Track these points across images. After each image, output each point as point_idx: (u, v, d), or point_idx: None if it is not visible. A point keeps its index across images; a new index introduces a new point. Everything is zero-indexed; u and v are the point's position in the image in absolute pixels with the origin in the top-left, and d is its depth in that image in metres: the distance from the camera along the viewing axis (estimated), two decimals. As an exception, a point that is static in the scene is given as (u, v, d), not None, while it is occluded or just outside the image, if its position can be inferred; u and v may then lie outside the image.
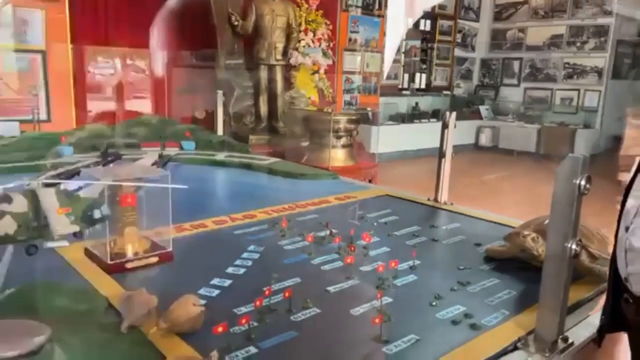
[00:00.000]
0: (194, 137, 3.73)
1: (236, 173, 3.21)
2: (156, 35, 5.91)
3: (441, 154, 2.45)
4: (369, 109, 8.25)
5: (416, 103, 10.29)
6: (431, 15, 10.37)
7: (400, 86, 10.09)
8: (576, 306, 1.44)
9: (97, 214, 1.17)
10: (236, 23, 6.06)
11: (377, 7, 8.24)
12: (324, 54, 7.02)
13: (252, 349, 1.16)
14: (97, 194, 1.36)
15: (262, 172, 3.19)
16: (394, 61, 9.33)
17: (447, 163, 2.45)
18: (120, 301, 1.27)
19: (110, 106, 6.35)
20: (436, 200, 2.50)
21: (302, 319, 1.30)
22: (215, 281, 1.49)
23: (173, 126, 4.07)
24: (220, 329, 1.14)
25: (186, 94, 6.60)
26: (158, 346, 1.14)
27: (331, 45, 7.18)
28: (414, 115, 10.03)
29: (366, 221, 2.16)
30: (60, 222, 1.09)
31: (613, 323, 1.30)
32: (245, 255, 1.72)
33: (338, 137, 5.59)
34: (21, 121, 4.92)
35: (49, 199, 1.09)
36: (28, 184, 1.11)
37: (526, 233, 1.60)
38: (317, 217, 2.19)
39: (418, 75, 10.48)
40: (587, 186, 1.14)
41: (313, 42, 6.86)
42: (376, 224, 2.12)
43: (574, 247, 1.15)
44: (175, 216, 1.63)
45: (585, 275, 1.55)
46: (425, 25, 10.32)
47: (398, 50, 9.37)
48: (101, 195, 1.40)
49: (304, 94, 6.81)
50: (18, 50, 5.10)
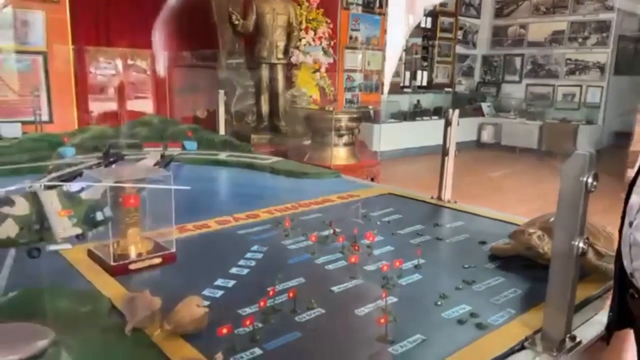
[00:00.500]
0: (196, 137, 3.73)
1: (238, 173, 3.20)
2: (157, 35, 5.90)
3: (444, 152, 2.44)
4: (371, 107, 8.25)
5: (418, 101, 10.28)
6: (432, 12, 10.34)
7: (401, 84, 10.07)
8: (583, 304, 1.43)
9: (100, 216, 1.17)
10: (237, 22, 6.05)
11: (378, 5, 8.23)
12: (325, 53, 7.02)
13: (257, 350, 1.15)
14: (100, 196, 1.36)
15: (265, 172, 3.17)
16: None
17: (450, 161, 2.44)
18: (123, 303, 1.27)
19: (111, 107, 6.36)
20: (439, 198, 2.49)
21: (307, 320, 1.30)
22: (219, 282, 1.49)
23: (175, 126, 4.06)
24: (224, 331, 1.13)
25: (187, 94, 6.60)
26: (162, 348, 1.14)
27: (332, 43, 7.17)
28: (416, 112, 10.02)
29: (369, 220, 2.15)
30: (62, 225, 1.08)
31: (620, 320, 1.29)
32: (248, 255, 1.71)
33: (340, 136, 5.57)
34: (23, 122, 4.93)
35: (51, 202, 1.08)
36: (30, 187, 1.10)
37: (532, 231, 1.59)
38: (321, 216, 2.18)
39: (419, 72, 10.46)
40: (594, 184, 1.13)
41: (314, 41, 6.85)
42: (379, 223, 2.11)
43: (581, 245, 1.14)
44: (178, 216, 1.62)
45: (591, 273, 1.54)
46: (426, 22, 10.30)
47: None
48: (103, 196, 1.39)
49: (306, 93, 6.80)
50: (19, 51, 5.10)
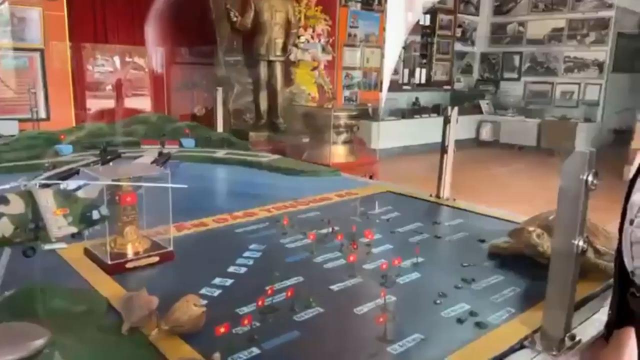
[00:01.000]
0: (194, 135, 3.71)
1: (236, 170, 3.19)
2: (155, 32, 5.89)
3: (443, 150, 2.43)
4: (369, 105, 8.23)
5: (416, 98, 10.27)
6: (431, 9, 10.32)
7: (400, 81, 10.06)
8: (582, 303, 1.42)
9: (96, 215, 1.15)
10: (235, 19, 6.03)
11: (377, 2, 8.22)
12: (324, 50, 7.00)
13: (255, 350, 1.14)
14: (96, 194, 1.35)
15: (263, 169, 3.16)
16: (394, 56, 9.30)
17: (450, 159, 2.43)
18: (120, 302, 1.26)
19: (109, 104, 6.34)
20: (438, 196, 2.48)
21: (305, 319, 1.29)
22: (216, 281, 1.48)
23: (172, 123, 4.05)
24: (222, 330, 1.12)
25: (185, 91, 6.58)
26: (159, 348, 1.13)
27: (330, 41, 7.15)
28: (415, 110, 10.00)
29: (368, 218, 2.15)
30: (57, 224, 1.07)
31: (620, 318, 1.29)
32: (246, 254, 1.70)
33: (338, 133, 5.56)
34: (20, 120, 4.90)
35: (47, 200, 1.07)
36: (25, 185, 1.09)
37: (531, 229, 1.58)
38: (319, 215, 2.17)
39: (418, 70, 10.45)
40: (595, 182, 1.12)
41: (312, 38, 6.83)
42: (378, 221, 2.10)
43: (581, 244, 1.14)
44: (175, 215, 1.61)
45: (590, 271, 1.53)
46: (424, 19, 10.28)
47: (398, 45, 9.33)
48: (100, 195, 1.38)
49: (304, 90, 6.78)
50: (16, 48, 5.07)
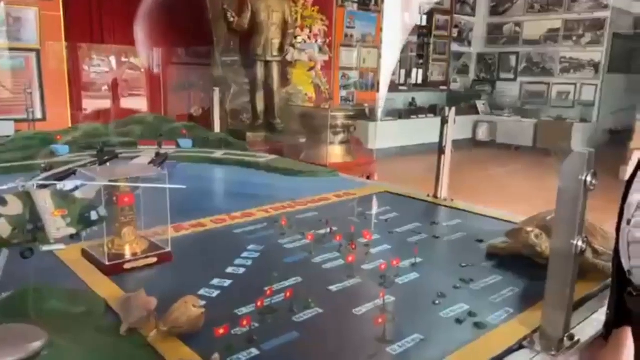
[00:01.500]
0: (191, 135, 3.70)
1: (234, 171, 3.18)
2: (152, 32, 5.87)
3: (441, 150, 2.43)
4: (366, 105, 8.23)
5: (413, 98, 10.27)
6: (429, 11, 10.33)
7: (397, 82, 10.06)
8: (581, 303, 1.42)
9: (95, 216, 1.15)
10: (232, 19, 6.02)
11: (374, 3, 8.22)
12: (320, 50, 7.00)
13: (254, 351, 1.14)
14: (94, 195, 1.34)
15: (260, 170, 3.16)
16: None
17: (447, 159, 2.43)
18: (118, 303, 1.25)
19: (105, 104, 6.32)
20: (436, 196, 2.48)
21: (304, 320, 1.29)
22: (215, 281, 1.47)
23: (169, 124, 4.04)
24: (221, 331, 1.12)
25: (182, 91, 6.57)
26: (158, 349, 1.13)
27: (327, 41, 7.15)
28: (411, 110, 10.01)
29: (366, 218, 2.14)
30: (56, 225, 1.06)
31: (619, 318, 1.29)
32: (245, 254, 1.70)
33: (335, 134, 5.56)
34: (16, 120, 4.88)
35: (45, 201, 1.06)
36: (23, 186, 1.09)
37: (529, 229, 1.59)
38: (317, 215, 2.17)
39: (414, 70, 10.45)
40: (593, 182, 1.12)
41: (309, 38, 6.83)
42: (376, 221, 2.10)
43: (580, 244, 1.14)
44: (173, 215, 1.61)
45: (588, 271, 1.54)
46: (421, 20, 10.28)
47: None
48: (98, 195, 1.37)
49: (301, 90, 6.78)
50: (12, 49, 5.05)
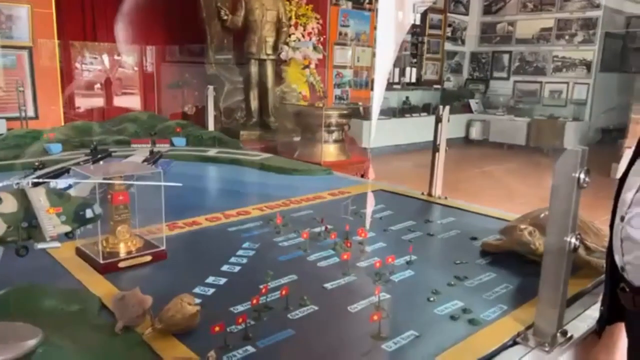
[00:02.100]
0: (185, 133, 3.70)
1: (228, 169, 3.18)
2: (145, 30, 5.84)
3: (435, 148, 2.44)
4: (360, 104, 8.24)
5: (407, 97, 10.30)
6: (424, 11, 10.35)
7: (390, 80, 10.08)
8: (574, 299, 1.44)
9: (89, 213, 1.15)
10: (225, 17, 5.99)
11: (367, 1, 8.22)
12: (315, 49, 6.98)
13: (250, 348, 1.14)
14: (88, 193, 1.34)
15: (255, 168, 3.16)
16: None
17: (441, 157, 2.44)
18: (113, 301, 1.25)
19: (98, 102, 6.28)
20: (430, 194, 2.50)
21: (300, 317, 1.29)
22: (210, 279, 1.47)
23: (163, 122, 4.03)
24: (217, 329, 1.12)
25: (176, 90, 6.54)
26: (153, 347, 1.13)
27: (321, 39, 7.14)
28: (405, 109, 10.03)
29: (360, 217, 2.15)
30: (51, 223, 1.06)
31: (612, 314, 1.30)
32: (240, 252, 1.70)
33: (330, 132, 5.55)
34: (8, 118, 4.85)
35: (39, 199, 1.06)
36: (18, 184, 1.08)
37: (523, 227, 1.60)
38: (312, 213, 2.17)
39: (408, 69, 10.47)
40: (586, 179, 1.13)
41: (303, 37, 6.82)
42: (371, 219, 2.11)
43: (574, 241, 1.15)
44: (168, 214, 1.61)
45: (581, 268, 1.55)
46: (415, 19, 10.30)
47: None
48: (92, 193, 1.37)
49: (295, 89, 6.77)
50: (4, 46, 5.01)
